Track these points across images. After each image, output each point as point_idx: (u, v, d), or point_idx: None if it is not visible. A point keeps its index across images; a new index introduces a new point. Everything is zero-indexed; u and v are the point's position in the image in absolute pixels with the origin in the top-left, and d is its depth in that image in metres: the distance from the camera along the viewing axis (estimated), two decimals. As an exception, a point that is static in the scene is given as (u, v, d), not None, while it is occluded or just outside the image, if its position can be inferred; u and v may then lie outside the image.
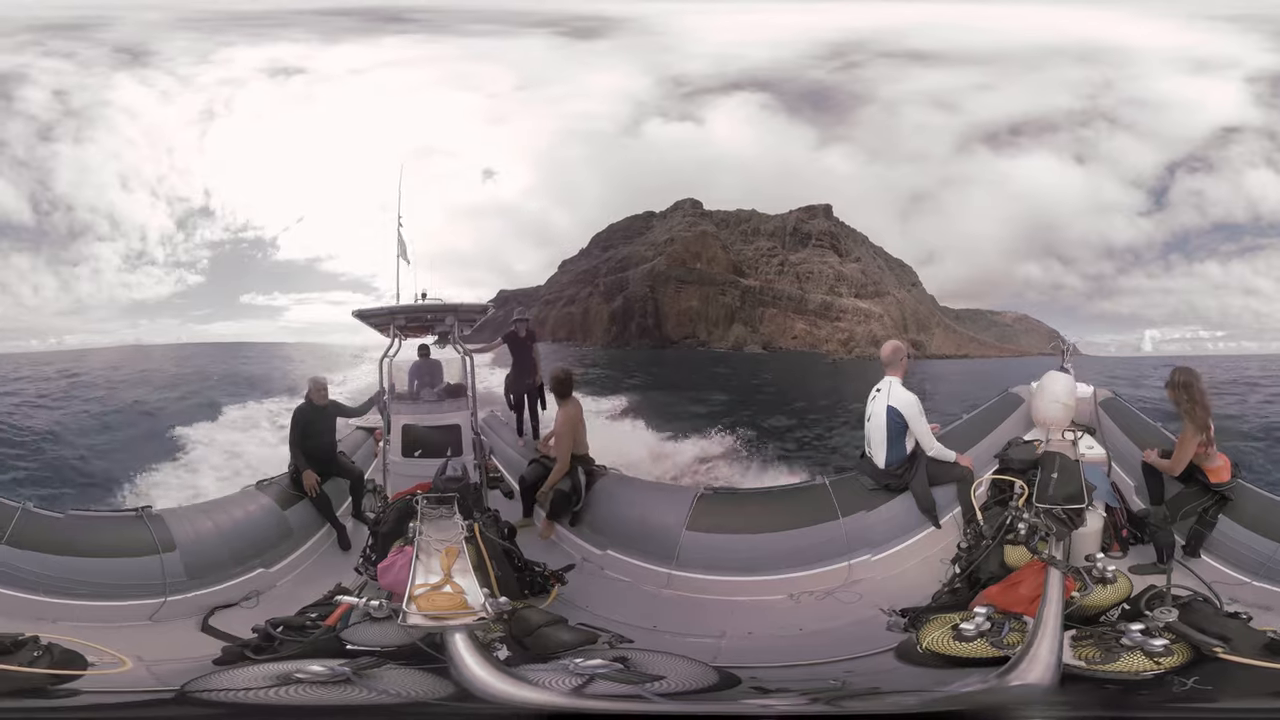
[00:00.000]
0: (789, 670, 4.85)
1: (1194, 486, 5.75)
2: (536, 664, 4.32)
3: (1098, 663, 4.13)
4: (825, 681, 4.58)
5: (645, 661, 4.41)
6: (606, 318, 30.87)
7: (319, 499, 7.00)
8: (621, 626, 5.17)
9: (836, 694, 4.38)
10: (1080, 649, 4.26)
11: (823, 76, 21.55)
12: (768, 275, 31.30)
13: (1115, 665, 4.10)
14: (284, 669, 4.21)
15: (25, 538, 5.60)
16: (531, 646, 4.57)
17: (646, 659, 4.44)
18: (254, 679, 4.18)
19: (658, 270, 30.68)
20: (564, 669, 4.14)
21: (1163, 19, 18.37)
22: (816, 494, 6.33)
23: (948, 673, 4.40)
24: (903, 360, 6.27)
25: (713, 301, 30.34)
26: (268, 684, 4.11)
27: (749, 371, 26.22)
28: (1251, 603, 4.95)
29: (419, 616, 4.41)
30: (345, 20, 17.72)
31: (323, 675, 4.09)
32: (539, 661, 4.36)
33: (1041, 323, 32.34)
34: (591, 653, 4.42)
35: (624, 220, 32.03)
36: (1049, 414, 6.48)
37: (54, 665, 4.37)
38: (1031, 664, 3.87)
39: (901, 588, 5.62)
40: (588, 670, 4.11)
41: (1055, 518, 5.26)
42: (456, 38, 18.46)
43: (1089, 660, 4.16)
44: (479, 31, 18.50)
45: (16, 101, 17.56)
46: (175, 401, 18.00)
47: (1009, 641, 4.42)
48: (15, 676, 4.18)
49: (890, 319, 30.82)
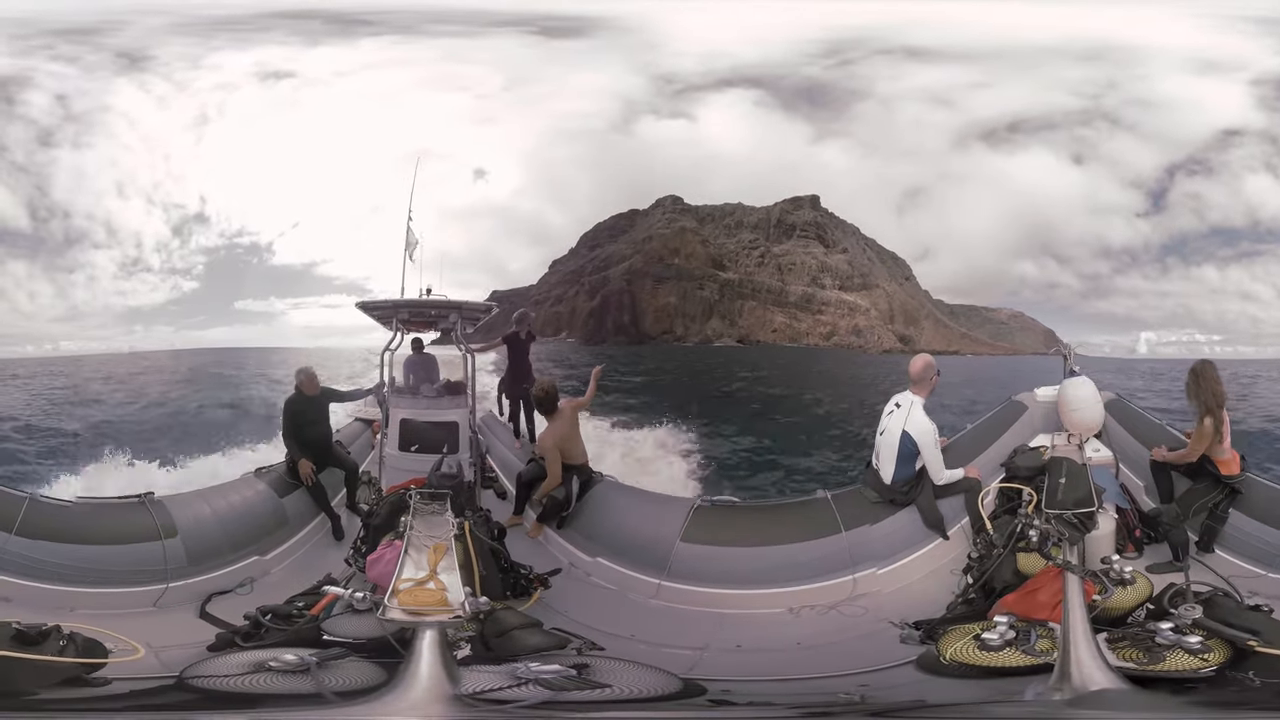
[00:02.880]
0: (781, 685, 4.84)
1: (1203, 481, 5.78)
2: (490, 665, 4.33)
3: (1146, 663, 4.12)
4: (834, 695, 4.54)
5: (604, 669, 4.37)
6: (585, 315, 30.80)
7: (314, 488, 7.12)
8: (599, 634, 5.16)
9: (856, 707, 4.34)
10: (1120, 651, 4.24)
11: (818, 73, 21.56)
12: (748, 268, 31.06)
13: (1165, 665, 4.09)
14: (261, 657, 4.32)
15: (35, 527, 5.67)
16: (497, 648, 4.61)
17: (608, 666, 4.42)
18: (234, 666, 4.29)
19: (635, 268, 30.56)
20: (508, 673, 4.15)
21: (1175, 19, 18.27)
22: (817, 508, 6.30)
23: (995, 683, 4.41)
24: (932, 379, 6.19)
25: (690, 297, 30.22)
26: (243, 672, 4.21)
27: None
28: (1271, 594, 4.89)
29: (398, 611, 4.43)
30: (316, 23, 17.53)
31: (291, 664, 4.19)
32: (494, 663, 4.37)
33: (1036, 321, 32.45)
34: (552, 658, 4.42)
35: (610, 219, 31.90)
36: (1086, 419, 6.40)
37: (79, 654, 4.42)
38: (1080, 668, 3.89)
39: (910, 600, 5.59)
40: (530, 674, 4.11)
41: (1067, 523, 5.20)
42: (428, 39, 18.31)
43: (1137, 661, 4.15)
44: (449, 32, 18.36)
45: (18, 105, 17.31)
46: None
47: (1041, 649, 4.42)
48: (53, 668, 4.25)
49: (877, 312, 30.80)
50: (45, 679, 4.22)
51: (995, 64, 20.60)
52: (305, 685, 4.11)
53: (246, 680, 4.17)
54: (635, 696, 4.22)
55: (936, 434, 6.13)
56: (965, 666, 4.54)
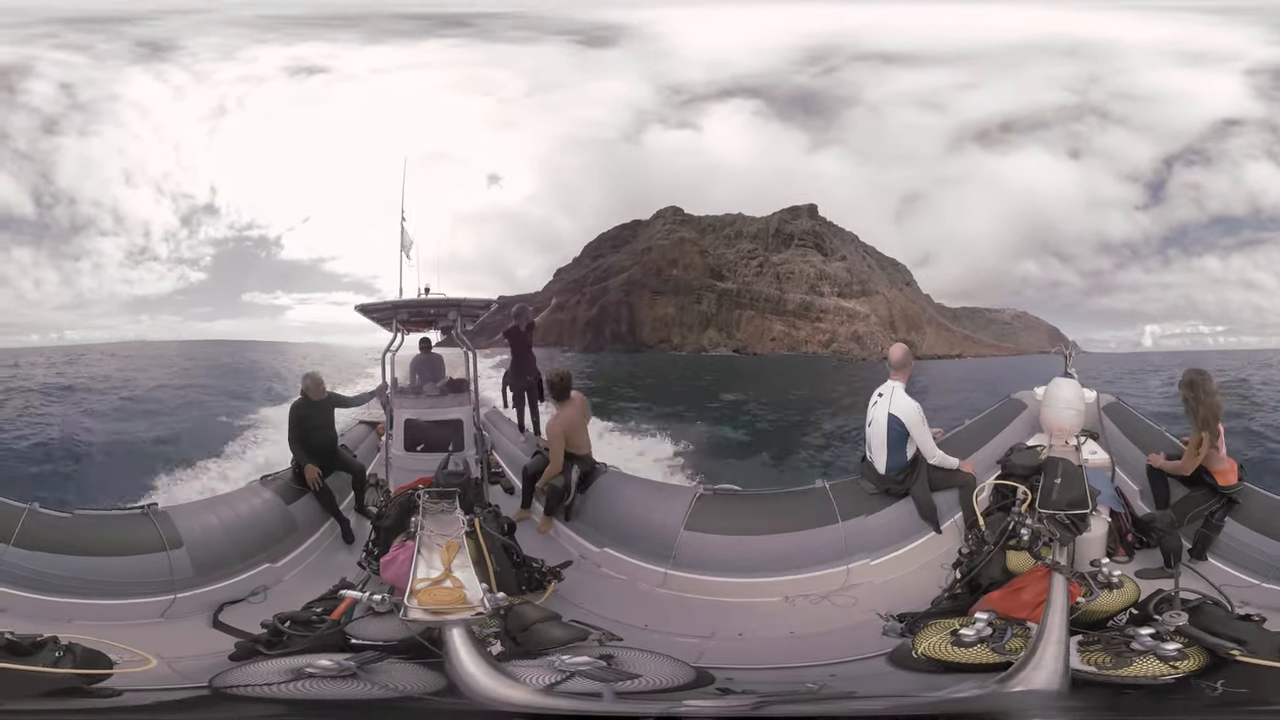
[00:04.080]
0: (775, 672, 4.87)
1: (1200, 489, 5.73)
2: (526, 660, 4.35)
3: (1108, 668, 4.12)
4: (801, 685, 4.57)
5: (629, 660, 4.41)
6: (584, 324, 31.00)
7: (322, 493, 7.05)
8: (614, 624, 5.19)
9: (812, 696, 4.39)
10: (1089, 654, 4.24)
11: (807, 81, 21.64)
12: (745, 277, 31.24)
13: (1127, 670, 4.09)
14: (295, 664, 4.31)
15: (34, 538, 5.62)
16: (524, 642, 4.61)
17: (631, 657, 4.45)
18: (270, 674, 4.26)
19: (633, 279, 30.78)
20: (549, 665, 4.18)
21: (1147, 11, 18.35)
22: (816, 497, 6.33)
23: (939, 678, 4.41)
24: (910, 365, 6.27)
25: (688, 309, 30.40)
26: (284, 678, 4.18)
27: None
28: (1263, 605, 4.83)
29: (419, 611, 4.46)
30: (398, 23, 17.57)
31: (331, 670, 4.18)
32: (529, 657, 4.40)
33: (1041, 320, 32.36)
34: (579, 649, 4.47)
35: (613, 229, 32.05)
36: (1061, 421, 6.40)
37: (78, 665, 4.38)
38: (1036, 669, 3.87)
39: (900, 593, 5.61)
40: (570, 667, 4.14)
41: (1059, 523, 5.21)
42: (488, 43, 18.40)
43: (1099, 665, 4.14)
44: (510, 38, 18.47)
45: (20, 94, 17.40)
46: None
47: (1010, 647, 4.42)
48: (45, 678, 4.21)
49: (877, 318, 30.80)
50: (38, 690, 4.17)
51: (978, 64, 20.62)
52: (353, 690, 4.13)
53: (285, 688, 4.15)
54: (664, 687, 4.26)
55: (921, 412, 6.14)
56: (933, 661, 4.55)
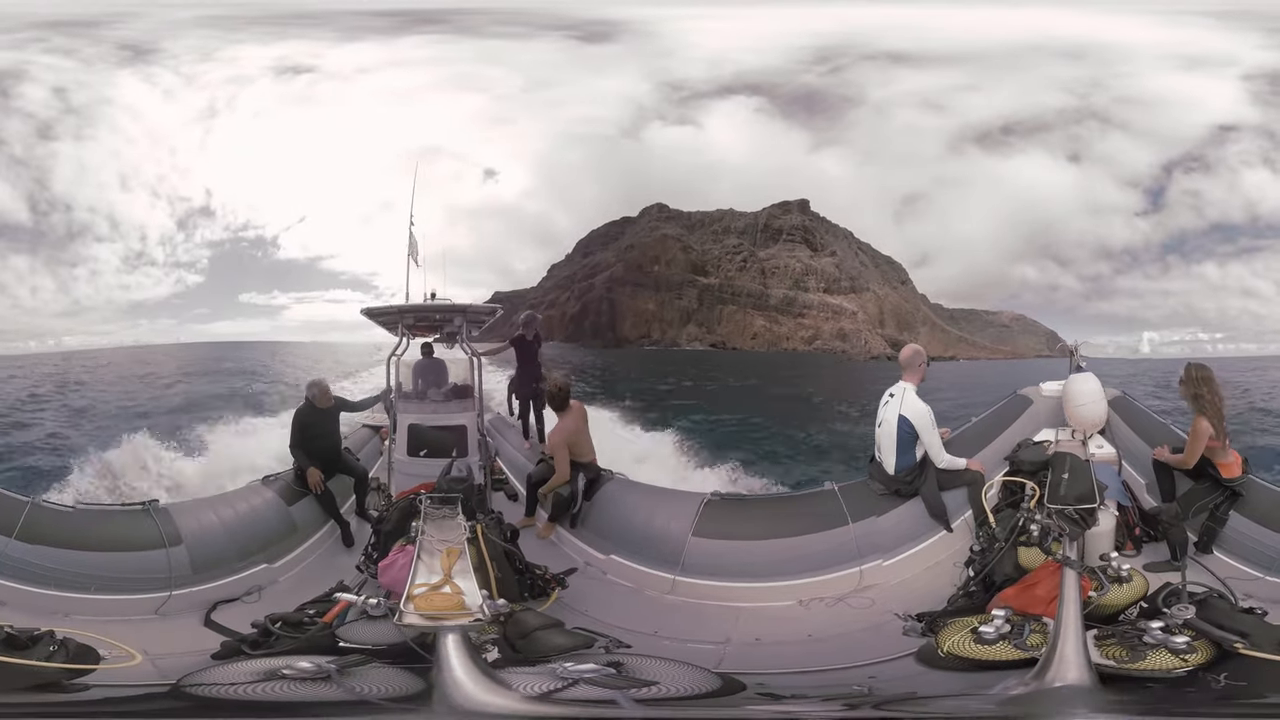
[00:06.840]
0: (799, 676, 4.84)
1: (1205, 482, 5.79)
2: (524, 667, 4.29)
3: (1127, 661, 4.14)
4: (848, 687, 4.59)
5: (641, 667, 4.35)
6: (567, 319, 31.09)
7: (323, 496, 7.02)
8: (622, 631, 5.16)
9: (864, 699, 4.38)
10: (1106, 648, 4.27)
11: (812, 80, 21.59)
12: (729, 272, 31.14)
13: (1144, 664, 4.12)
14: (273, 665, 4.25)
15: (36, 532, 5.60)
16: (524, 649, 4.56)
17: (643, 664, 4.40)
18: (242, 674, 4.19)
19: (615, 275, 30.80)
20: (551, 673, 4.10)
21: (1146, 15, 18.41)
22: (825, 500, 6.32)
23: (977, 676, 4.43)
24: (921, 366, 6.27)
25: (668, 304, 30.41)
26: (253, 679, 4.11)
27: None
28: (1265, 598, 4.93)
29: (415, 616, 4.39)
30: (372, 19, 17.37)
31: (307, 672, 4.10)
32: (529, 665, 4.33)
33: (1039, 323, 32.43)
34: (585, 657, 4.41)
35: (604, 226, 31.99)
36: (1089, 415, 6.43)
37: (69, 660, 4.37)
38: (1061, 665, 3.92)
39: (914, 593, 5.64)
40: (574, 674, 4.06)
41: (1068, 518, 5.25)
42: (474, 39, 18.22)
43: (1118, 659, 4.17)
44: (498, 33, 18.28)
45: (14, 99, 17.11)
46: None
47: (1031, 643, 4.45)
48: (30, 671, 4.21)
49: (865, 315, 30.74)
50: (25, 684, 4.17)
51: (979, 66, 20.63)
52: (324, 692, 4.03)
53: (253, 689, 4.06)
54: (685, 694, 4.21)
55: (931, 415, 6.15)
56: (960, 659, 4.57)
